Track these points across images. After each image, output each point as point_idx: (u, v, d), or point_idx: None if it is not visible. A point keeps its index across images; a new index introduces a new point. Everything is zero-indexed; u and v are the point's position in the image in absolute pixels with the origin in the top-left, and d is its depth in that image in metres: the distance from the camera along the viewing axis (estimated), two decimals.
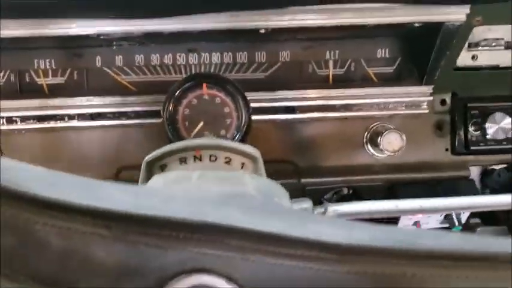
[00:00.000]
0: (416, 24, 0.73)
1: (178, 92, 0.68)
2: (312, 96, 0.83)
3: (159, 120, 0.80)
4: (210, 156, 0.54)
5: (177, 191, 0.37)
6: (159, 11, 0.57)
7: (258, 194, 0.42)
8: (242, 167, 0.54)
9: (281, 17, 0.70)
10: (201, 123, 0.69)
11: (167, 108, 0.68)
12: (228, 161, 0.54)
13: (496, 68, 0.83)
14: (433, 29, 0.74)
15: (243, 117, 0.70)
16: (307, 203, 0.59)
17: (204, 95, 0.69)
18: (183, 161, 0.54)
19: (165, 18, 0.66)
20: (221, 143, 0.53)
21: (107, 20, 0.66)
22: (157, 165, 0.53)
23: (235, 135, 0.69)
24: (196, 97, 0.70)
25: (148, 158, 0.52)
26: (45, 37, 0.70)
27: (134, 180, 0.81)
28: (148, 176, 0.53)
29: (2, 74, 0.82)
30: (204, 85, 0.68)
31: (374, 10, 0.70)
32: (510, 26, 0.79)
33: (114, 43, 0.78)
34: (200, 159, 0.54)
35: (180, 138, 0.69)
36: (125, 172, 0.82)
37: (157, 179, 0.47)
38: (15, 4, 0.54)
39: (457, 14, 0.71)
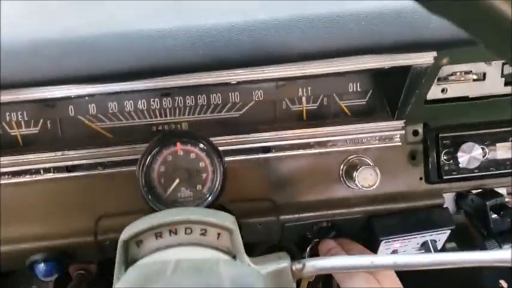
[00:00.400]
0: (386, 67, 0.74)
1: (151, 153, 0.68)
2: (287, 135, 0.84)
3: (134, 168, 0.80)
4: (186, 229, 0.54)
5: None
6: (130, 75, 0.57)
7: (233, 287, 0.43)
8: (218, 238, 0.55)
9: (251, 70, 0.71)
10: (177, 181, 0.69)
11: (142, 167, 0.68)
12: (204, 233, 0.55)
13: (465, 99, 0.85)
14: (402, 70, 0.75)
15: (218, 171, 0.70)
16: (285, 261, 0.60)
17: (179, 151, 0.69)
18: (158, 235, 0.54)
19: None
20: (195, 218, 0.53)
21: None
22: (133, 242, 0.54)
23: (212, 190, 0.70)
24: (171, 154, 0.70)
25: (123, 237, 0.53)
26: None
27: (114, 229, 0.82)
28: (125, 254, 0.53)
29: None
30: (178, 144, 0.68)
31: (342, 59, 0.71)
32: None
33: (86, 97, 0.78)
34: (176, 233, 0.54)
35: (156, 196, 0.70)
36: (104, 220, 0.83)
37: (132, 275, 0.47)
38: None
39: (424, 58, 0.72)
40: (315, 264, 0.62)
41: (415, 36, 0.62)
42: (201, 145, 0.69)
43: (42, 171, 0.80)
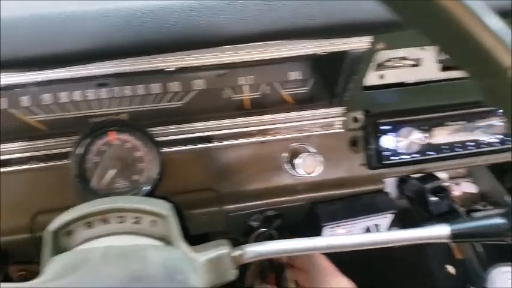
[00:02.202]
0: (321, 53, 0.74)
1: (83, 143, 0.66)
2: (228, 124, 0.83)
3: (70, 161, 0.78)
4: (118, 218, 0.53)
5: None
6: (50, 61, 0.55)
7: (161, 271, 0.41)
8: (152, 225, 0.54)
9: (186, 57, 0.70)
10: (112, 171, 0.67)
11: (74, 158, 0.66)
12: (138, 221, 0.53)
13: (402, 84, 0.86)
14: (338, 55, 0.76)
15: (155, 160, 0.69)
16: (223, 248, 0.60)
17: (112, 141, 0.67)
18: (89, 225, 0.52)
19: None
20: (126, 206, 0.52)
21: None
22: (63, 232, 0.52)
23: (150, 180, 0.69)
24: (105, 144, 0.68)
25: (51, 227, 0.51)
26: None
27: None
28: (54, 245, 0.51)
29: None
30: (111, 133, 0.66)
31: (277, 45, 0.71)
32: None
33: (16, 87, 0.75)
34: (108, 222, 0.53)
35: (91, 189, 0.67)
36: (41, 216, 0.80)
37: (57, 265, 0.45)
38: None
39: (360, 43, 0.73)
40: (254, 250, 0.62)
41: (350, 20, 0.62)
42: (136, 133, 0.67)
43: None
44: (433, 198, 0.89)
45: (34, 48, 0.52)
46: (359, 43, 0.74)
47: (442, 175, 1.00)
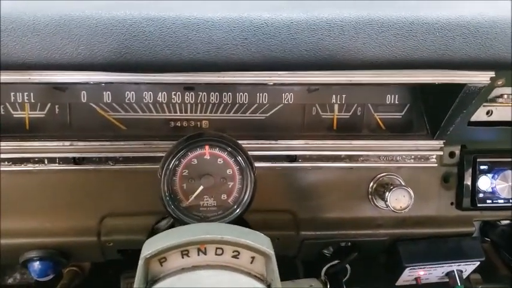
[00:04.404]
0: (437, 83, 0.67)
1: (179, 152, 0.61)
2: (316, 145, 0.77)
3: (148, 166, 0.73)
4: (216, 249, 0.48)
5: None
6: (165, 68, 0.50)
7: None
8: (252, 262, 0.48)
9: (287, 72, 0.64)
10: (201, 187, 0.62)
11: (165, 171, 0.61)
12: (236, 255, 0.48)
13: (508, 123, 0.79)
14: (452, 87, 0.69)
15: (248, 181, 0.63)
16: None
17: (206, 155, 0.62)
18: (185, 254, 0.47)
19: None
20: (229, 239, 0.46)
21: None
22: (155, 259, 0.47)
23: (239, 201, 0.63)
24: (197, 157, 0.63)
25: (146, 254, 0.46)
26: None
27: (119, 230, 0.75)
28: (146, 271, 0.46)
29: None
30: (206, 147, 0.61)
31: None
32: None
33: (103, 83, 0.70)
34: (204, 253, 0.47)
35: (176, 203, 0.62)
36: (108, 219, 0.76)
37: None
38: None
39: (481, 77, 0.66)
40: None
41: (478, 54, 0.55)
42: (231, 150, 0.61)
43: (46, 160, 0.72)
44: None
45: (147, 53, 0.47)
46: (480, 77, 0.67)
47: None
